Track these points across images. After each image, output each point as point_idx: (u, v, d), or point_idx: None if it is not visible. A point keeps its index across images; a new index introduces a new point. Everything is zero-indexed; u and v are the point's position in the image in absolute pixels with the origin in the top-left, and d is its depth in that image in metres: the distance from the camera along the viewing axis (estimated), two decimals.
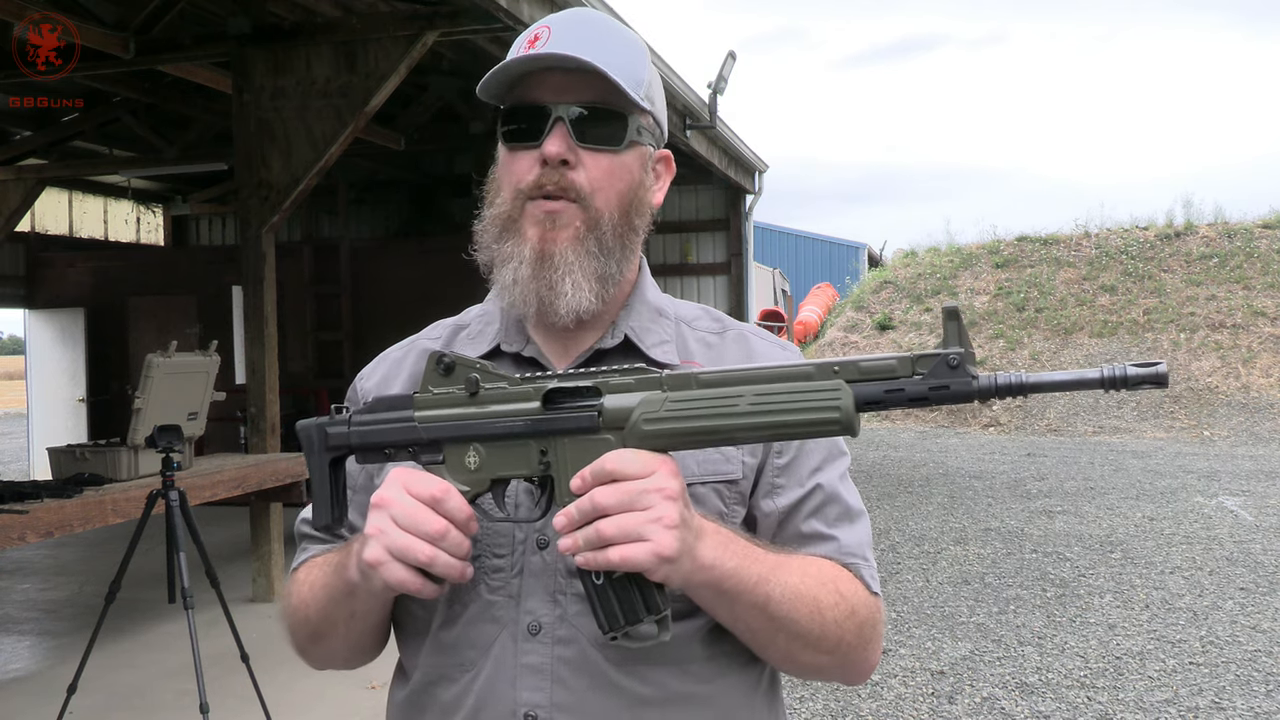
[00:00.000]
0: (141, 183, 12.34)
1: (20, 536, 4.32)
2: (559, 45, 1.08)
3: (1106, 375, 0.88)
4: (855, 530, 1.15)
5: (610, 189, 1.11)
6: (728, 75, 10.20)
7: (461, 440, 1.00)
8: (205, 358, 5.66)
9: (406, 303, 10.24)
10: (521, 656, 1.07)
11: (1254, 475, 11.06)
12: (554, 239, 1.09)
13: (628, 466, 0.92)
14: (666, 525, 0.91)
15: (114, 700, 4.72)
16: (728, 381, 0.94)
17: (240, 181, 6.36)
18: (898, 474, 11.61)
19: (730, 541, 1.00)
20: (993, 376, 0.90)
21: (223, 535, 7.89)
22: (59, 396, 12.35)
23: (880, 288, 20.34)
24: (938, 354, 0.90)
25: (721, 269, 12.07)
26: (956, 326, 0.90)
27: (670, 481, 0.93)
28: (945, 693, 4.75)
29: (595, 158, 1.10)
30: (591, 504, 0.92)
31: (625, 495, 0.91)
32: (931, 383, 0.90)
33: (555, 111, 1.09)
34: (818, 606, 1.05)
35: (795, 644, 1.06)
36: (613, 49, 1.10)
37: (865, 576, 1.13)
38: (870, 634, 1.11)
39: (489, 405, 0.99)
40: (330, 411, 1.09)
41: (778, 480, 1.14)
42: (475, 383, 1.00)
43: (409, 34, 5.96)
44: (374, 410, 1.05)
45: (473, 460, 1.00)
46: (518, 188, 1.11)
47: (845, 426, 0.91)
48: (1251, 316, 17.00)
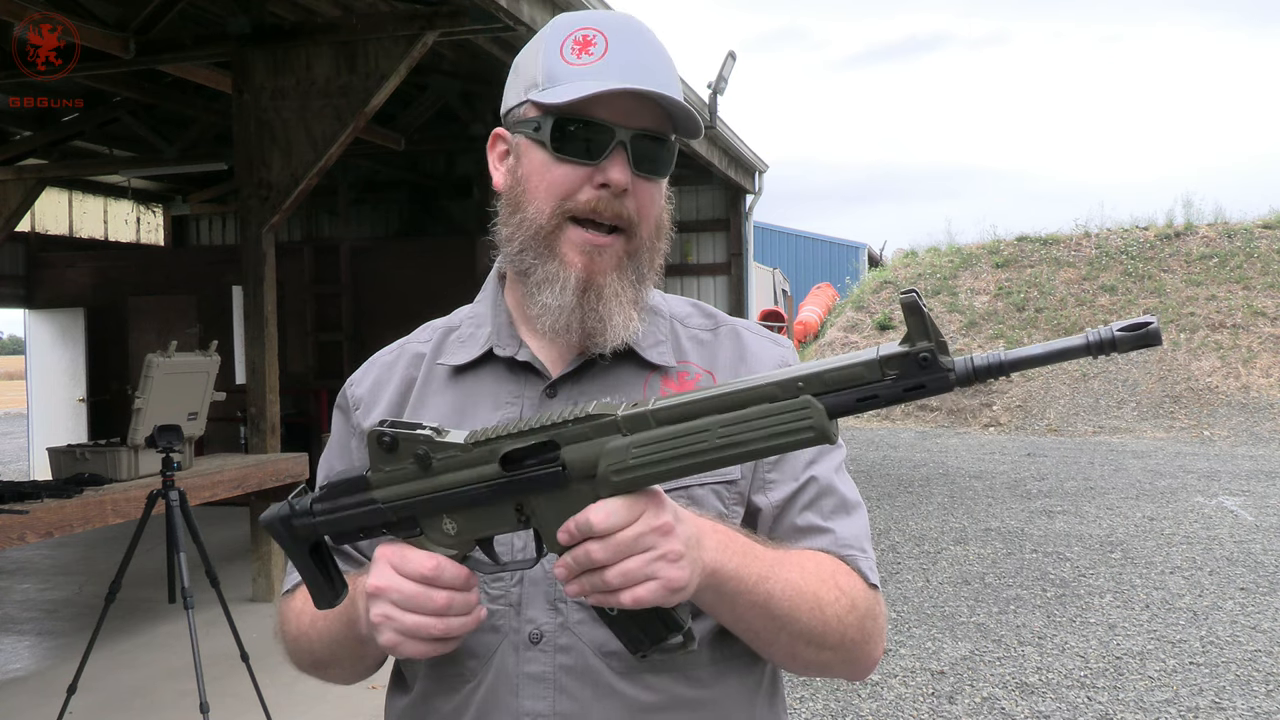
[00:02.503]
0: (141, 183, 12.34)
1: (20, 536, 4.32)
2: (631, 69, 1.06)
3: (1093, 340, 0.81)
4: (852, 522, 1.14)
5: (651, 217, 1.11)
6: (728, 75, 10.21)
7: (434, 514, 0.97)
8: (205, 358, 5.66)
9: (406, 303, 10.23)
10: (523, 665, 1.06)
11: (1254, 475, 11.05)
12: (600, 269, 1.09)
13: (614, 519, 0.88)
14: (671, 560, 0.89)
15: (114, 700, 4.72)
16: (688, 415, 0.89)
17: (240, 181, 6.36)
18: (898, 474, 11.61)
19: (730, 541, 0.99)
20: (969, 360, 0.84)
21: (223, 535, 7.89)
22: (59, 396, 12.34)
23: (880, 288, 20.34)
24: (908, 353, 0.84)
25: (721, 269, 12.07)
26: (920, 320, 0.83)
27: (661, 516, 0.90)
28: (945, 693, 4.75)
29: (645, 186, 1.10)
30: (588, 558, 0.89)
31: (622, 546, 0.88)
32: (906, 383, 0.84)
33: (619, 135, 1.07)
34: (819, 602, 1.04)
35: (798, 642, 1.04)
36: (668, 70, 1.10)
37: (863, 568, 1.11)
38: (872, 627, 1.10)
39: (446, 475, 0.95)
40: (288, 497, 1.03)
41: (770, 475, 1.13)
42: (426, 457, 0.95)
43: (409, 34, 5.96)
44: (332, 496, 1.00)
45: (451, 527, 0.97)
46: (562, 203, 1.08)
47: (822, 437, 0.87)
48: (1251, 316, 17.00)
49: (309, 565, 1.03)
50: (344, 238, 11.69)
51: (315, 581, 1.04)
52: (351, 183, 11.82)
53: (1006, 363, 0.83)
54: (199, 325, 11.26)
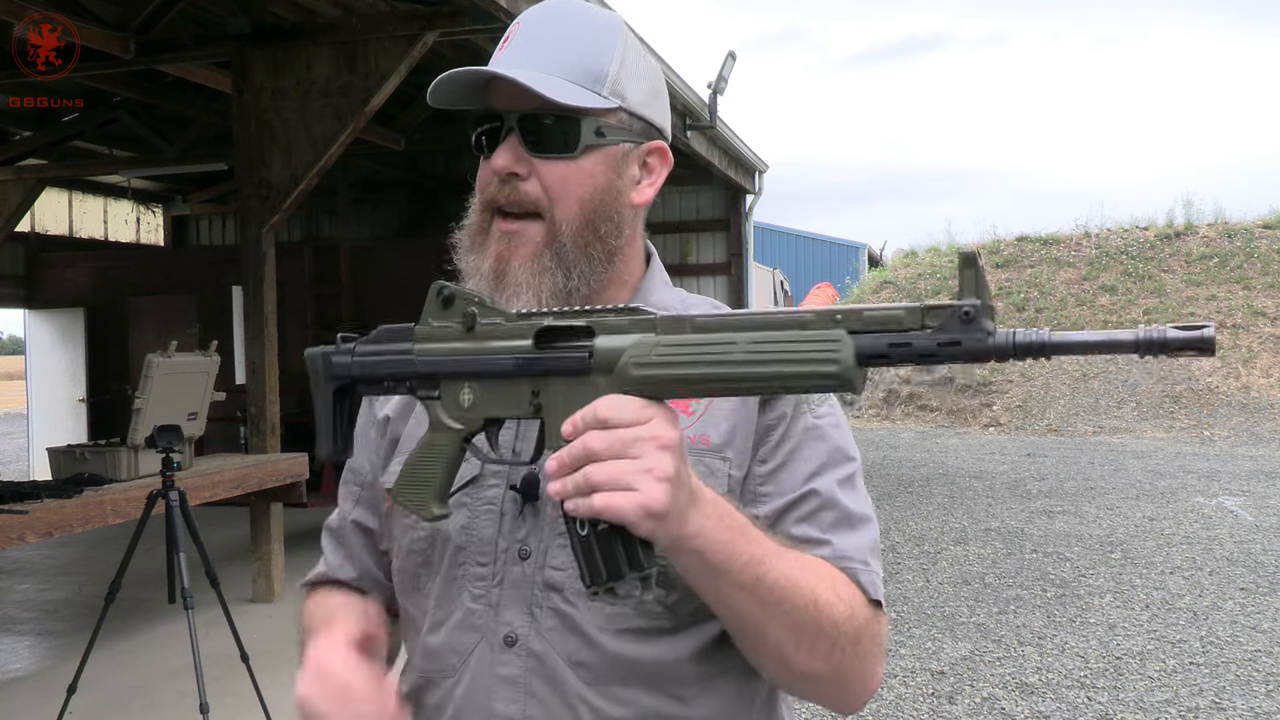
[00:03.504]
0: (141, 183, 12.33)
1: (20, 536, 4.32)
2: (514, 50, 1.07)
3: (1143, 338, 0.75)
4: (856, 536, 1.07)
5: (569, 198, 1.06)
6: (728, 75, 10.21)
7: (456, 377, 0.98)
8: (205, 358, 5.66)
9: (406, 303, 10.19)
10: (497, 667, 1.06)
11: (1254, 475, 11.05)
12: (510, 256, 1.07)
13: (621, 413, 0.85)
14: (658, 477, 0.84)
15: (114, 700, 4.72)
16: (723, 327, 0.87)
17: (240, 181, 6.36)
18: (898, 474, 11.61)
19: (728, 515, 0.93)
20: (1011, 334, 0.78)
21: (223, 535, 7.89)
22: (59, 396, 12.35)
23: (880, 288, 20.34)
24: (950, 305, 0.80)
25: (721, 269, 12.07)
26: (974, 274, 0.79)
27: (666, 430, 0.86)
28: (945, 693, 4.75)
29: (550, 166, 1.06)
30: (583, 448, 0.85)
31: (617, 442, 0.84)
32: (941, 338, 0.80)
33: (506, 121, 1.06)
34: (815, 600, 0.97)
35: (788, 639, 0.97)
36: (569, 47, 1.06)
37: (864, 581, 1.05)
38: (870, 644, 1.03)
39: (483, 341, 0.96)
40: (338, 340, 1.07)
41: (762, 488, 1.08)
42: (472, 317, 0.97)
43: (409, 34, 5.96)
44: (378, 340, 1.03)
45: (466, 398, 0.97)
46: (484, 200, 1.09)
47: (843, 381, 0.82)
48: (1251, 316, 17.00)
49: (328, 406, 1.05)
50: (344, 238, 11.70)
51: (326, 425, 1.05)
52: (351, 183, 11.82)
53: (1049, 344, 0.79)
54: (199, 325, 11.26)
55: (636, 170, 1.11)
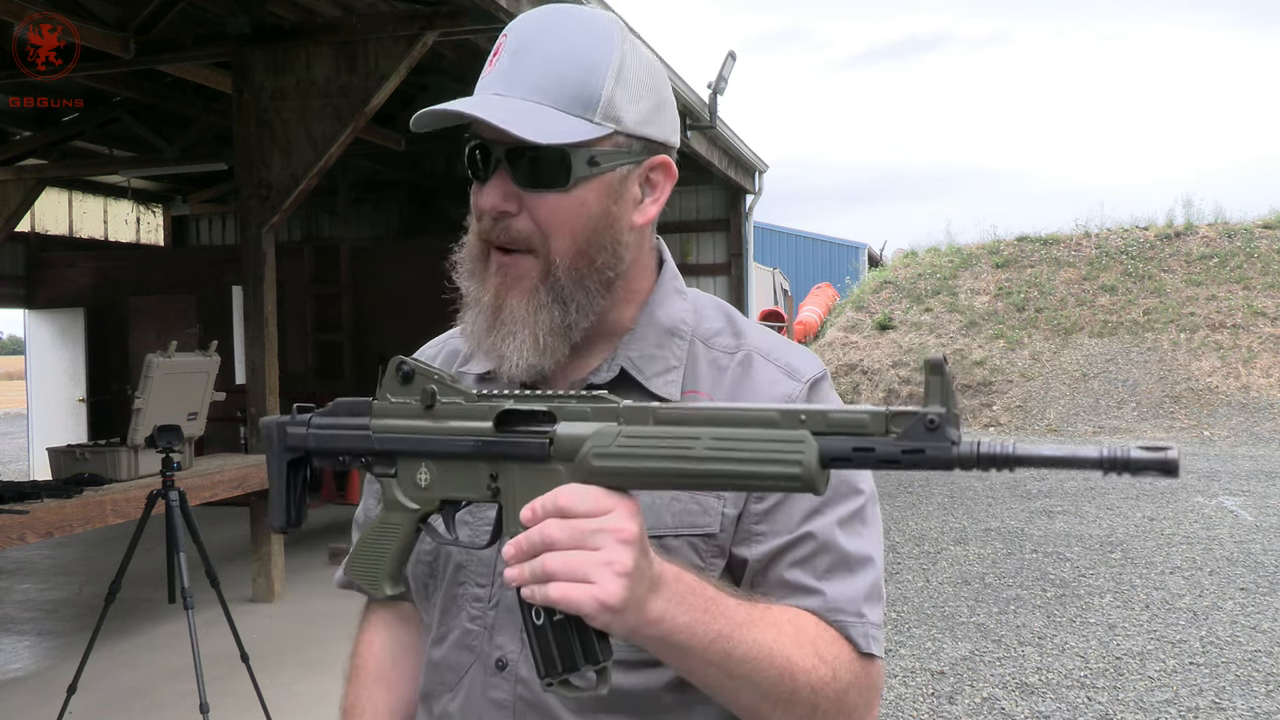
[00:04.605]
0: (141, 183, 12.33)
1: (20, 536, 4.32)
2: (500, 72, 1.01)
3: (1106, 456, 0.76)
4: (852, 583, 1.03)
5: (562, 231, 1.01)
6: (728, 75, 10.21)
7: (414, 456, 0.96)
8: (205, 358, 5.66)
9: (406, 303, 10.23)
10: (489, 690, 1.07)
11: (1254, 475, 11.06)
12: (507, 292, 1.03)
13: (582, 503, 0.84)
14: (616, 571, 0.82)
15: (114, 700, 4.72)
16: (688, 420, 0.86)
17: (240, 181, 6.37)
18: (897, 474, 11.60)
19: (690, 594, 0.90)
20: (975, 444, 0.79)
21: (222, 535, 7.89)
22: (59, 396, 12.35)
23: (880, 288, 20.33)
24: (916, 412, 0.80)
25: (721, 269, 12.06)
26: (940, 381, 0.79)
27: (627, 523, 0.84)
28: (945, 693, 4.75)
29: (540, 200, 1.01)
30: (541, 537, 0.83)
31: (577, 532, 0.83)
32: (906, 444, 0.80)
33: (494, 153, 1.01)
34: (789, 670, 0.95)
35: (762, 704, 0.96)
36: (558, 69, 1.00)
37: (854, 635, 1.01)
38: (857, 698, 1.00)
39: (443, 420, 0.94)
40: (294, 411, 1.04)
41: (756, 527, 1.03)
42: (431, 395, 0.95)
43: (409, 34, 5.96)
44: (334, 413, 1.00)
45: (424, 477, 0.96)
46: (480, 231, 1.05)
47: (806, 484, 0.82)
48: (1251, 316, 17.00)
49: (281, 476, 1.03)
50: (344, 238, 11.70)
51: (278, 496, 1.03)
52: (351, 183, 11.82)
53: (1013, 457, 0.78)
54: (199, 325, 11.26)
55: (638, 190, 1.06)
